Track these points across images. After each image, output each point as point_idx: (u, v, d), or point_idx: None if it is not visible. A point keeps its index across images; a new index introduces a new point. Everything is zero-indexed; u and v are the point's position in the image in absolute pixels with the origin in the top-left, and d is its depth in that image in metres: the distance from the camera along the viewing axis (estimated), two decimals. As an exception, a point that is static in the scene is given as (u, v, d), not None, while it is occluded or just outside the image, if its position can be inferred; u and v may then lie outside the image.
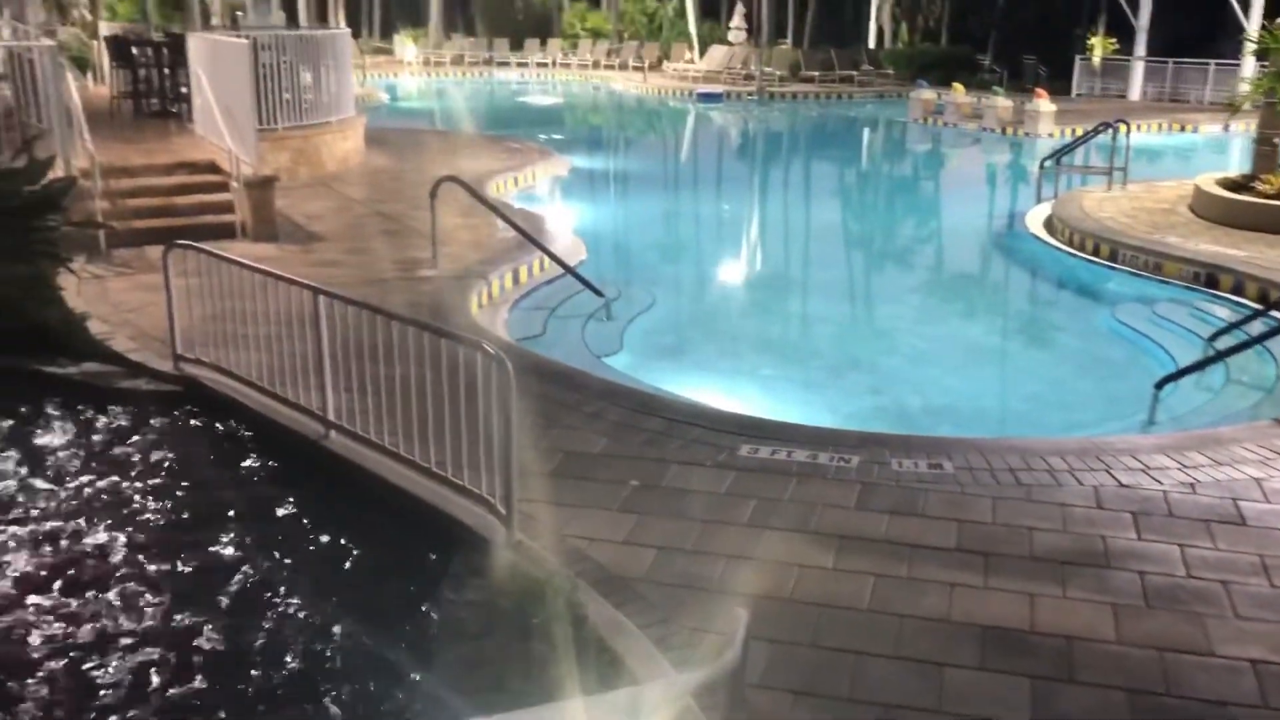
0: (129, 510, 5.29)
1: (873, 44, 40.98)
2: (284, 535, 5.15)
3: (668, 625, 4.24)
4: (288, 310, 6.10)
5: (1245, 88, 17.68)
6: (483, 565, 4.65)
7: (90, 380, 6.76)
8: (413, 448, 5.31)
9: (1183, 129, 25.16)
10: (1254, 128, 15.77)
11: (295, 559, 4.94)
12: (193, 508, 5.37)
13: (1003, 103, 24.20)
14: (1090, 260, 11.92)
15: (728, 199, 18.89)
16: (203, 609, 4.48)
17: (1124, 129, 15.56)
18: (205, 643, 4.26)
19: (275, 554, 4.97)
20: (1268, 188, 12.71)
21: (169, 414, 6.41)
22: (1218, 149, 22.78)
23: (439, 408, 5.10)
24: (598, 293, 9.86)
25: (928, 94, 26.58)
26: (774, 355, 9.67)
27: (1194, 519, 5.18)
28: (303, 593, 4.63)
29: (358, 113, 16.51)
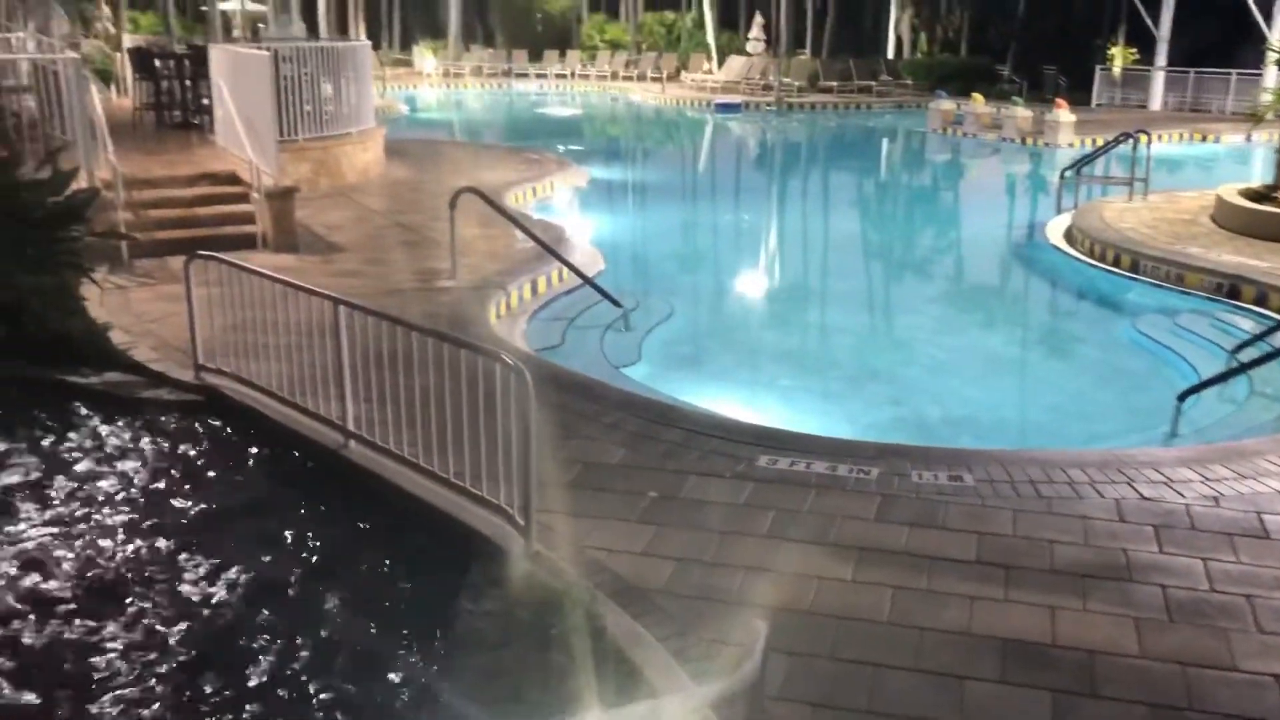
0: (148, 517, 5.32)
1: (891, 54, 41.00)
2: (301, 544, 5.16)
3: (686, 637, 4.22)
4: (308, 320, 6.13)
5: (1268, 98, 17.62)
6: (501, 576, 4.65)
7: (112, 390, 6.80)
8: (431, 458, 5.32)
9: (1204, 139, 25.03)
10: (1277, 138, 15.68)
11: (311, 568, 4.95)
12: (209, 517, 5.38)
13: (1022, 113, 24.13)
14: (1111, 271, 11.86)
15: (746, 209, 18.89)
16: (218, 615, 4.49)
17: (1145, 139, 15.48)
18: (218, 648, 4.28)
19: (291, 562, 4.98)
20: (1291, 198, 12.65)
21: (190, 423, 6.44)
22: (1240, 159, 22.64)
23: (458, 418, 5.11)
24: (616, 303, 9.87)
25: (947, 104, 26.53)
26: (792, 366, 9.66)
27: (1217, 532, 5.14)
28: (319, 601, 4.64)
29: (377, 124, 16.60)
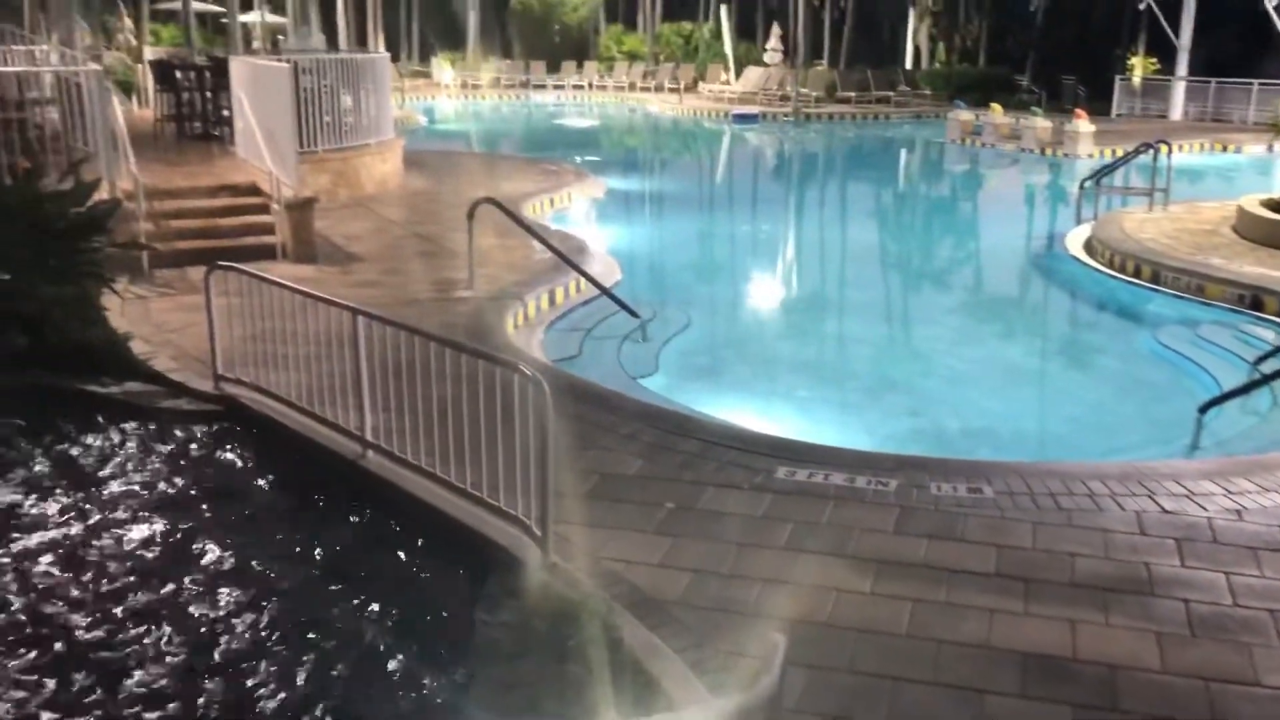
0: (161, 524, 5.34)
1: (909, 64, 41.00)
2: (317, 553, 5.17)
3: (703, 649, 4.21)
4: (327, 330, 6.15)
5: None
6: (518, 587, 4.65)
7: (132, 399, 6.84)
8: (449, 468, 5.32)
9: (1225, 149, 24.90)
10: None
11: (328, 576, 4.96)
12: (225, 524, 5.40)
13: (1041, 123, 24.05)
14: (1131, 282, 11.79)
15: (763, 220, 18.88)
16: (234, 623, 4.50)
17: (1165, 149, 15.41)
18: (232, 655, 4.29)
19: (308, 570, 4.99)
20: (1313, 209, 12.55)
21: (209, 433, 6.47)
22: (1261, 170, 22.51)
23: (475, 428, 5.12)
24: (633, 314, 9.87)
25: (965, 114, 26.48)
26: (810, 377, 9.63)
27: (1240, 546, 5.09)
28: (335, 611, 4.64)
29: (396, 135, 16.68)
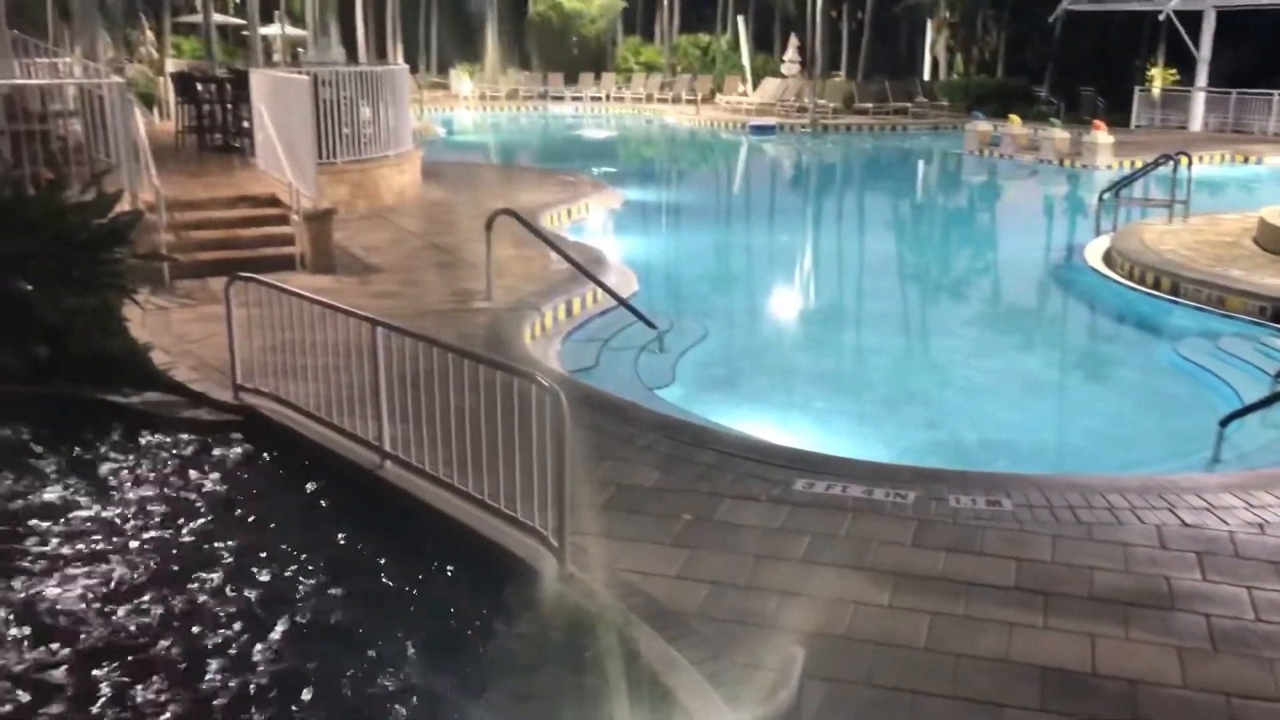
0: (180, 534, 5.37)
1: (927, 76, 40.97)
2: (336, 563, 5.18)
3: (720, 661, 4.20)
4: (345, 341, 6.18)
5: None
6: (535, 598, 4.65)
7: (153, 409, 6.88)
8: (466, 479, 5.33)
9: (1246, 160, 24.76)
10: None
11: (345, 587, 4.97)
12: (243, 534, 5.42)
13: (1060, 134, 23.97)
14: (1151, 294, 11.74)
15: (780, 231, 18.88)
16: (253, 633, 4.52)
17: (1185, 161, 15.34)
18: (251, 665, 4.30)
19: (326, 580, 5.00)
20: (1335, 220, 12.46)
21: (228, 443, 6.50)
22: (1282, 181, 22.37)
23: (493, 439, 5.12)
24: (650, 325, 9.87)
25: (983, 126, 26.42)
26: (828, 388, 9.61)
27: (1262, 560, 5.05)
28: (351, 621, 4.65)
29: (415, 146, 16.76)
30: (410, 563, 5.16)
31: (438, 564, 5.14)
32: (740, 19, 41.08)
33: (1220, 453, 7.22)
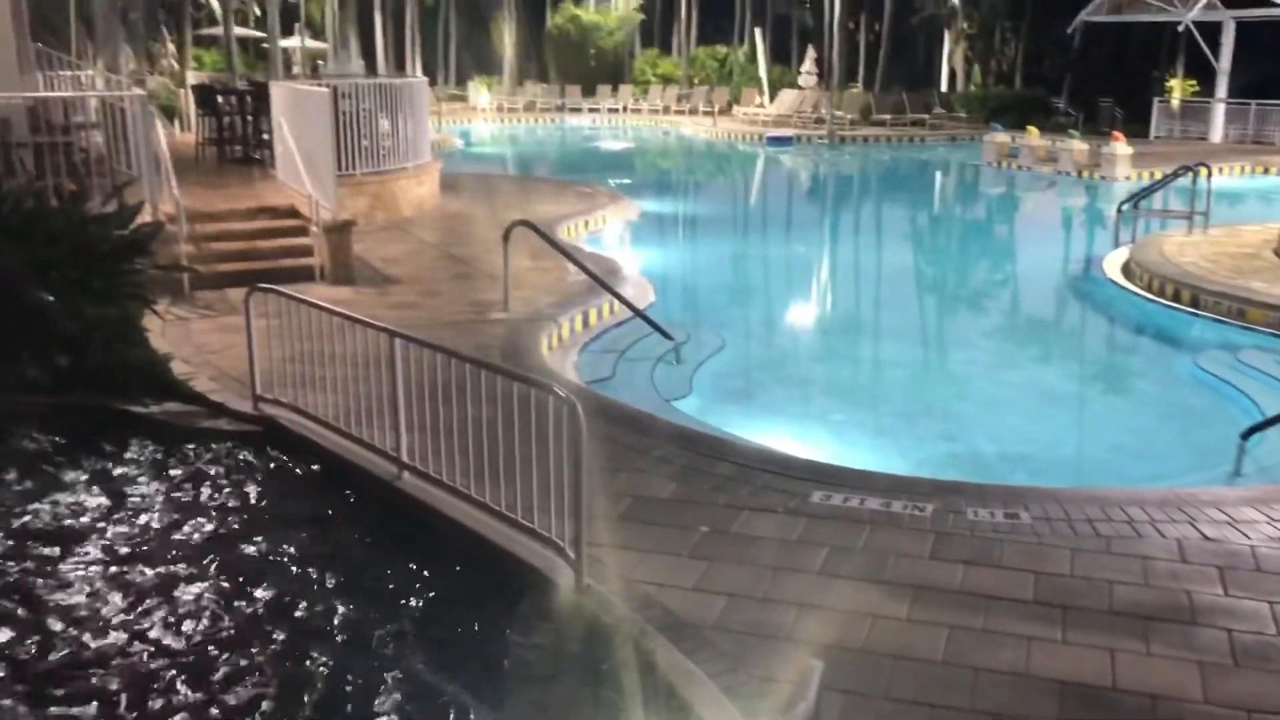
0: (199, 543, 5.40)
1: (945, 87, 40.91)
2: (353, 573, 5.19)
3: (738, 673, 4.19)
4: (364, 352, 6.21)
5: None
6: (551, 609, 4.65)
7: (172, 420, 6.92)
8: (483, 489, 5.34)
9: (1266, 172, 24.62)
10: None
11: (363, 596, 4.98)
12: (261, 544, 5.44)
13: (1078, 146, 23.89)
14: (1170, 306, 11.66)
15: (797, 242, 18.87)
16: (267, 642, 4.53)
17: (1205, 172, 15.26)
18: (266, 673, 4.31)
19: (341, 591, 5.01)
20: (1357, 232, 12.38)
21: (247, 453, 6.53)
22: (1303, 192, 22.23)
23: (510, 450, 5.14)
24: (667, 336, 9.88)
25: (1001, 137, 26.35)
26: (845, 400, 9.59)
27: (1284, 575, 5.01)
28: (369, 631, 4.66)
29: (433, 158, 16.84)
30: (426, 572, 5.17)
31: (454, 575, 5.14)
32: (758, 31, 41.16)
33: (1241, 466, 7.16)
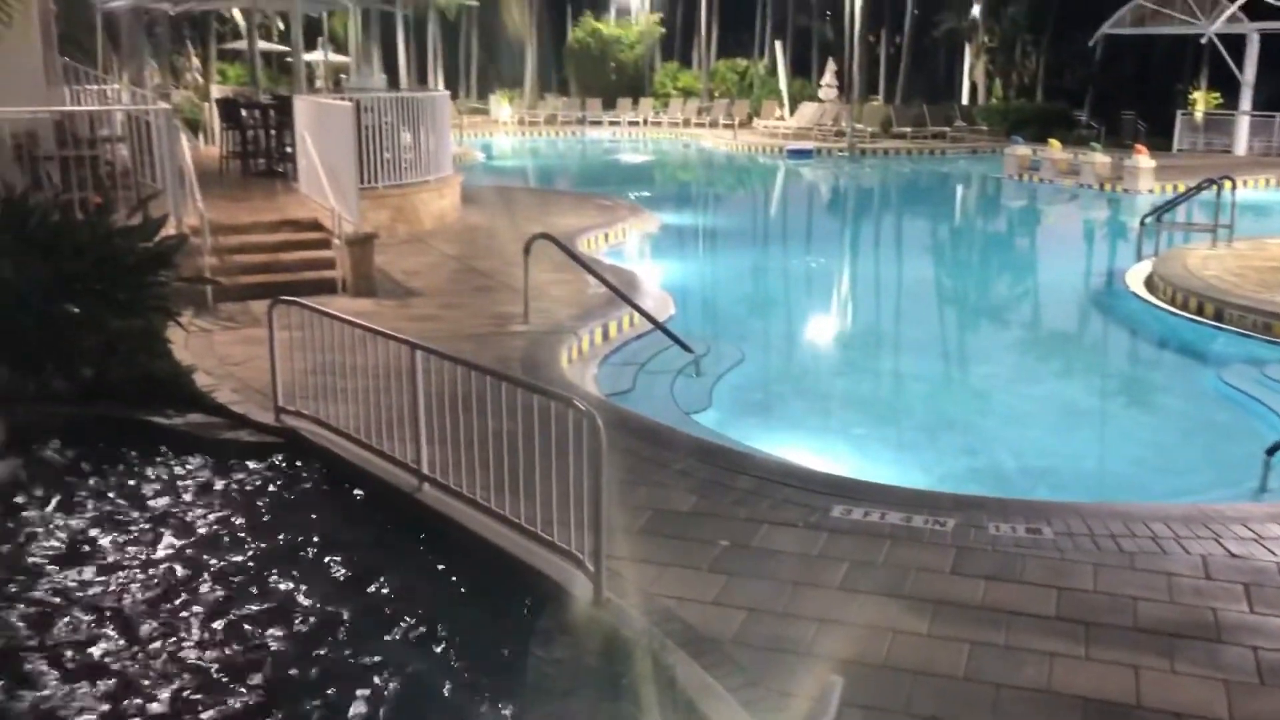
0: (219, 554, 5.42)
1: (966, 100, 40.83)
2: (371, 586, 5.21)
3: (757, 688, 4.17)
4: (385, 364, 6.23)
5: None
6: (571, 622, 4.65)
7: (195, 431, 6.96)
8: (503, 502, 5.35)
9: (1291, 184, 24.45)
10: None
11: (382, 607, 4.99)
12: (283, 555, 5.47)
13: (1100, 159, 23.79)
14: (1194, 320, 11.59)
15: (818, 255, 18.84)
16: (282, 653, 4.55)
17: (1229, 185, 15.17)
18: (283, 686, 4.32)
19: (361, 603, 5.03)
20: (1384, 245, 12.27)
21: (270, 465, 6.57)
22: (1329, 205, 22.05)
23: (530, 462, 5.15)
24: (687, 348, 9.88)
25: (1022, 150, 26.27)
26: (866, 414, 9.55)
27: (1311, 592, 4.95)
28: (388, 643, 4.67)
29: (455, 171, 16.91)
30: (445, 584, 5.18)
31: (473, 587, 5.15)
32: (778, 44, 41.18)
33: (1267, 482, 7.10)
